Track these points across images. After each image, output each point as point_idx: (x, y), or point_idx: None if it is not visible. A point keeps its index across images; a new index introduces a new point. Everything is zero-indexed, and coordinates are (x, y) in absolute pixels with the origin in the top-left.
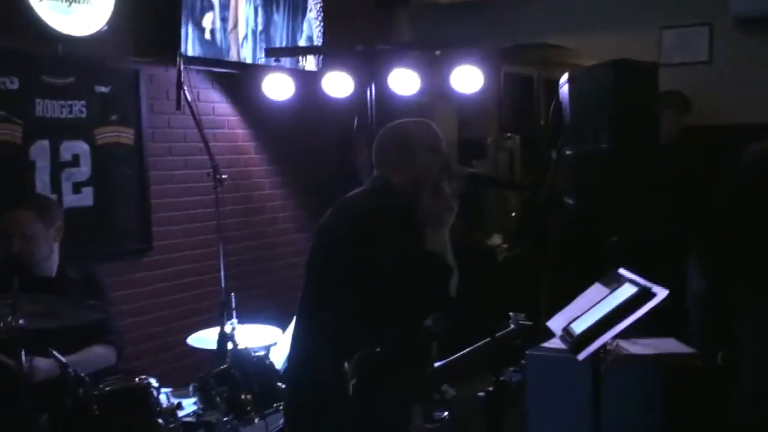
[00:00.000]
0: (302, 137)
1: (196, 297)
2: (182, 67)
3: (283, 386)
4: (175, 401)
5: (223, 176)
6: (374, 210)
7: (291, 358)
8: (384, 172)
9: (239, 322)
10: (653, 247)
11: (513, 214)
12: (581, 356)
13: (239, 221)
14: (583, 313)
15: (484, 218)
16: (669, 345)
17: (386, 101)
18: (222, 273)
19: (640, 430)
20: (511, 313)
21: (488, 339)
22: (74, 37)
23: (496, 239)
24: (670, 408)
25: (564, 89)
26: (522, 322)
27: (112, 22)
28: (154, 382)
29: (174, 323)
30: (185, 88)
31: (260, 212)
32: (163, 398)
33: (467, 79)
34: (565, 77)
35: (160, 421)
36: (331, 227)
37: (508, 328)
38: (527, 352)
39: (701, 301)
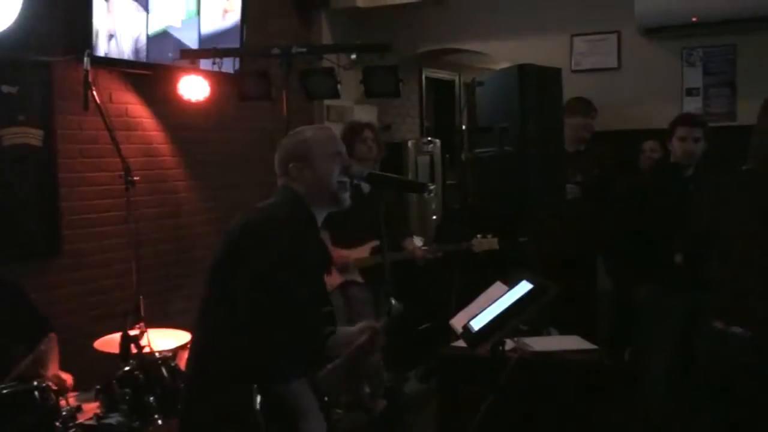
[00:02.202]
0: (219, 139)
1: (107, 301)
2: (89, 67)
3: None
4: (76, 404)
5: (135, 178)
6: (273, 221)
7: (189, 359)
8: (286, 181)
9: (152, 326)
10: (564, 248)
11: (434, 217)
12: (479, 351)
13: (154, 224)
14: (482, 311)
15: (406, 222)
16: (573, 342)
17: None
18: (134, 277)
19: (545, 425)
20: None
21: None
22: None
23: (417, 242)
24: (574, 403)
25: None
26: None
27: (20, 21)
28: (52, 385)
29: (84, 327)
30: (93, 88)
31: (175, 215)
32: (62, 401)
33: (384, 82)
34: (474, 81)
35: (57, 424)
36: (231, 235)
37: None
38: (438, 350)
39: (609, 299)
